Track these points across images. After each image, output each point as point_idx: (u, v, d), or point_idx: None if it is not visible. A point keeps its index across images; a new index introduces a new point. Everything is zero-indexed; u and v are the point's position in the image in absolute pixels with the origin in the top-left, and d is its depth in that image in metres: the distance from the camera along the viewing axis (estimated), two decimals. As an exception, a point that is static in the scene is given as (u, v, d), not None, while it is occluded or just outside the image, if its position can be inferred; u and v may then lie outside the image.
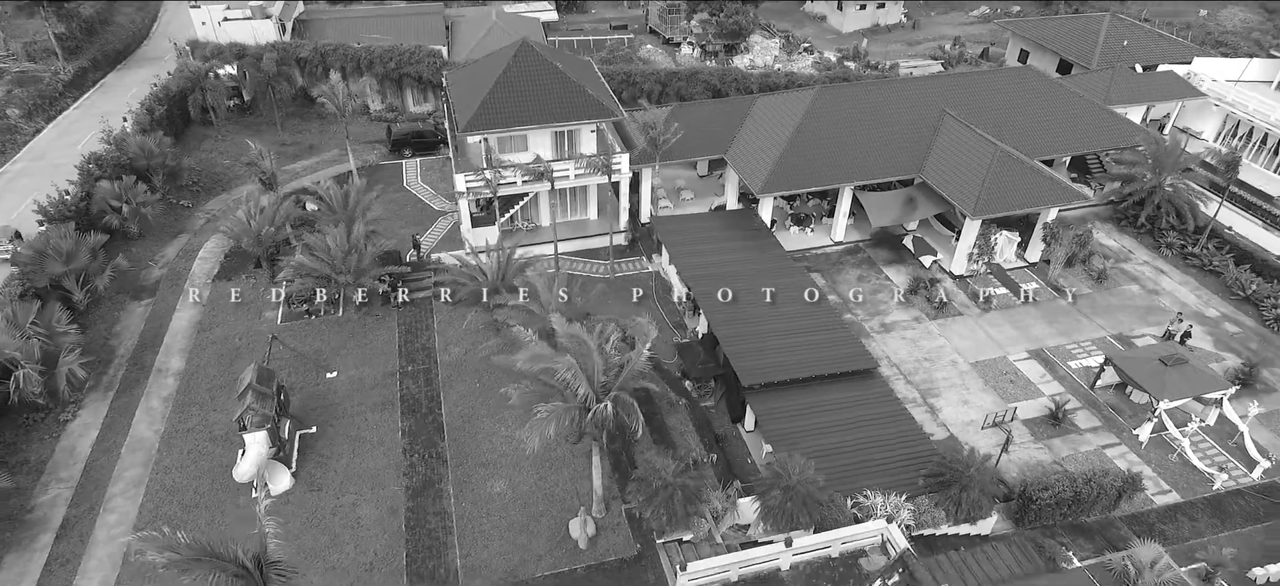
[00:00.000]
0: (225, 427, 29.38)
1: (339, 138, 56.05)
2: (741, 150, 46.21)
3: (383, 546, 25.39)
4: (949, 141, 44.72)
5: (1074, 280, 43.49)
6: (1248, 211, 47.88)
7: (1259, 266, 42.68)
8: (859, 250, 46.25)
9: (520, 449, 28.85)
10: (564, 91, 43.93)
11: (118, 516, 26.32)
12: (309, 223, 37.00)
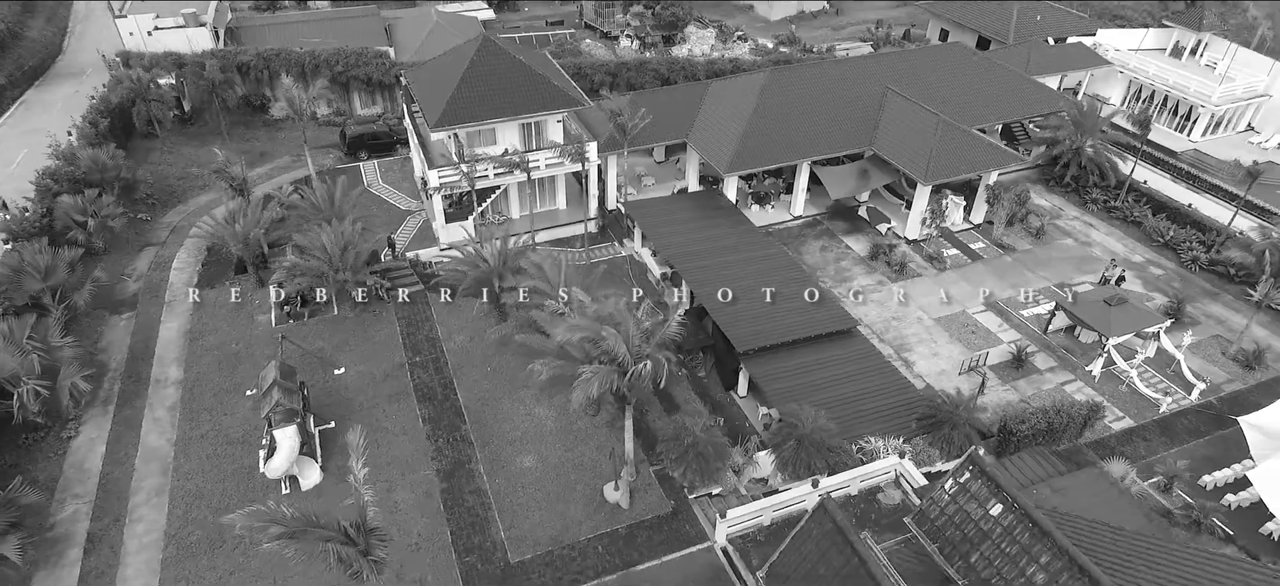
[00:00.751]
0: (241, 430, 29.18)
1: (289, 144, 55.16)
2: (702, 133, 47.89)
3: (424, 527, 25.93)
4: (894, 115, 47.56)
5: (1015, 237, 47.03)
6: (1156, 167, 52.65)
7: (1173, 215, 47.21)
8: (818, 223, 48.63)
9: (542, 425, 29.89)
10: (530, 84, 44.69)
11: (145, 525, 25.95)
12: (298, 210, 36.51)
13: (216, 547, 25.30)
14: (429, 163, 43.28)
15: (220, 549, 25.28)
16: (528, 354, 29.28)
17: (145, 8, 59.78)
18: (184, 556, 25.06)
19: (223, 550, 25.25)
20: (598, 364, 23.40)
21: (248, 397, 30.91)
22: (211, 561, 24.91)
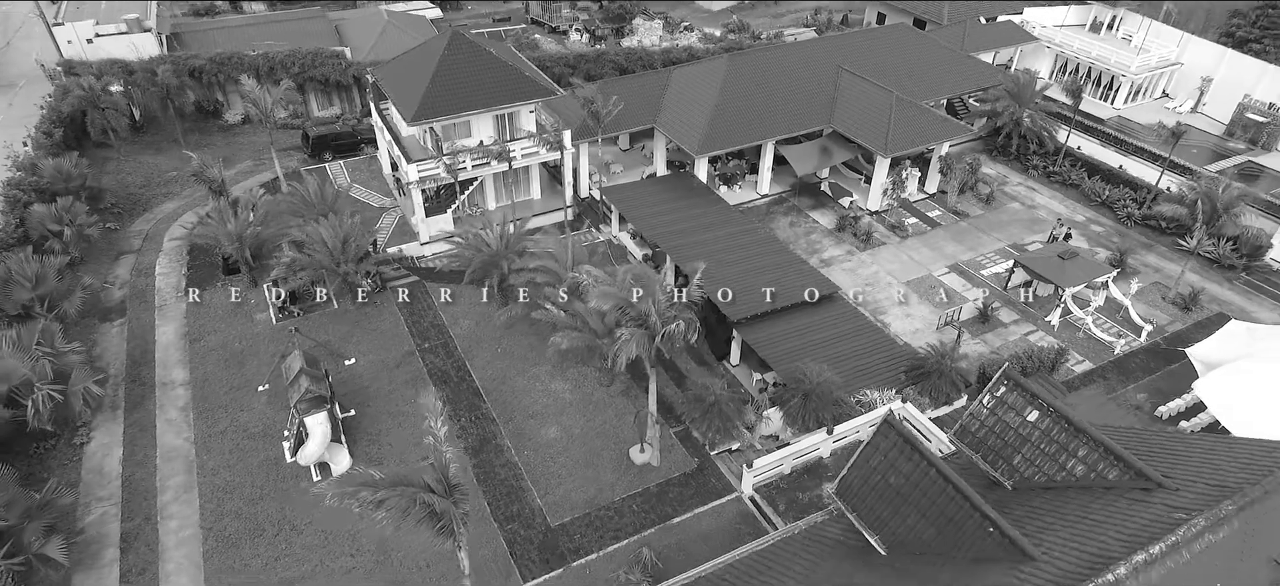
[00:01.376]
0: (260, 424, 29.26)
1: (249, 148, 54.34)
2: (670, 118, 49.36)
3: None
4: (850, 93, 50.02)
5: (967, 204, 50.12)
6: (1086, 134, 56.68)
7: (1106, 176, 51.08)
8: (784, 200, 50.71)
9: (561, 398, 30.95)
10: (503, 75, 45.39)
11: (179, 521, 25.92)
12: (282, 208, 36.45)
13: (257, 536, 25.50)
14: (407, 157, 43.47)
15: (260, 537, 25.49)
16: (537, 333, 30.34)
17: (81, 12, 57.78)
18: (225, 547, 25.17)
19: (263, 538, 25.47)
20: (631, 327, 24.63)
21: (261, 393, 30.92)
22: (254, 549, 25.11)
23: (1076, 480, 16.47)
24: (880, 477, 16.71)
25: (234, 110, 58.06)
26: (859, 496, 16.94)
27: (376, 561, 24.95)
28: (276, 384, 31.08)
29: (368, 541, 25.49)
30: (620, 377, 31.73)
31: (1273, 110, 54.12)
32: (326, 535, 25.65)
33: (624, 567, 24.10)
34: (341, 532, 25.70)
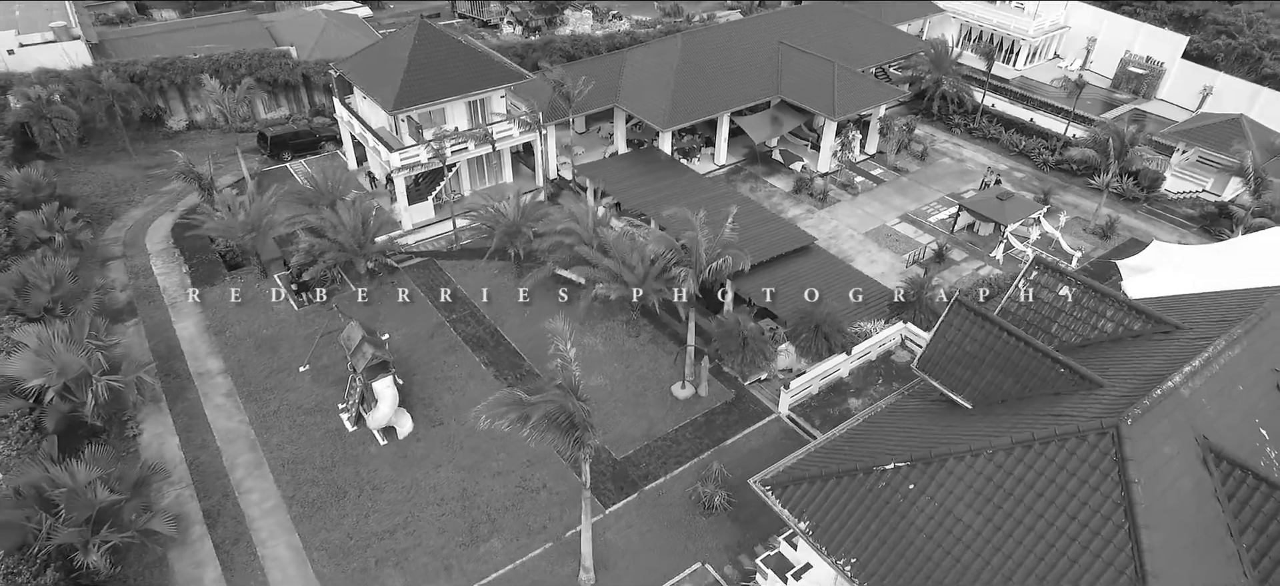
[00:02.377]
0: (313, 401, 30.07)
1: (203, 152, 53.10)
2: (631, 97, 51.82)
3: (530, 448, 28.46)
4: (794, 65, 53.90)
5: (905, 162, 54.97)
6: (997, 94, 62.83)
7: (1020, 129, 57.05)
8: (741, 169, 54.12)
9: (594, 350, 33.22)
10: (474, 61, 46.85)
11: (258, 494, 26.59)
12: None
13: (341, 498, 26.50)
14: (389, 147, 44.19)
15: (344, 499, 26.51)
16: (555, 297, 32.52)
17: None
18: (311, 512, 26.06)
19: (347, 499, 26.51)
20: (683, 266, 27.22)
21: (303, 373, 31.56)
22: (341, 510, 26.12)
23: (1107, 336, 20.22)
24: (956, 348, 19.94)
25: (176, 116, 56.59)
26: (940, 366, 20.13)
27: (462, 506, 26.47)
28: (317, 364, 31.79)
29: (448, 490, 26.95)
30: (645, 329, 34.15)
31: (1149, 63, 61.66)
32: (407, 489, 26.95)
33: (700, 480, 26.60)
34: (422, 485, 27.06)
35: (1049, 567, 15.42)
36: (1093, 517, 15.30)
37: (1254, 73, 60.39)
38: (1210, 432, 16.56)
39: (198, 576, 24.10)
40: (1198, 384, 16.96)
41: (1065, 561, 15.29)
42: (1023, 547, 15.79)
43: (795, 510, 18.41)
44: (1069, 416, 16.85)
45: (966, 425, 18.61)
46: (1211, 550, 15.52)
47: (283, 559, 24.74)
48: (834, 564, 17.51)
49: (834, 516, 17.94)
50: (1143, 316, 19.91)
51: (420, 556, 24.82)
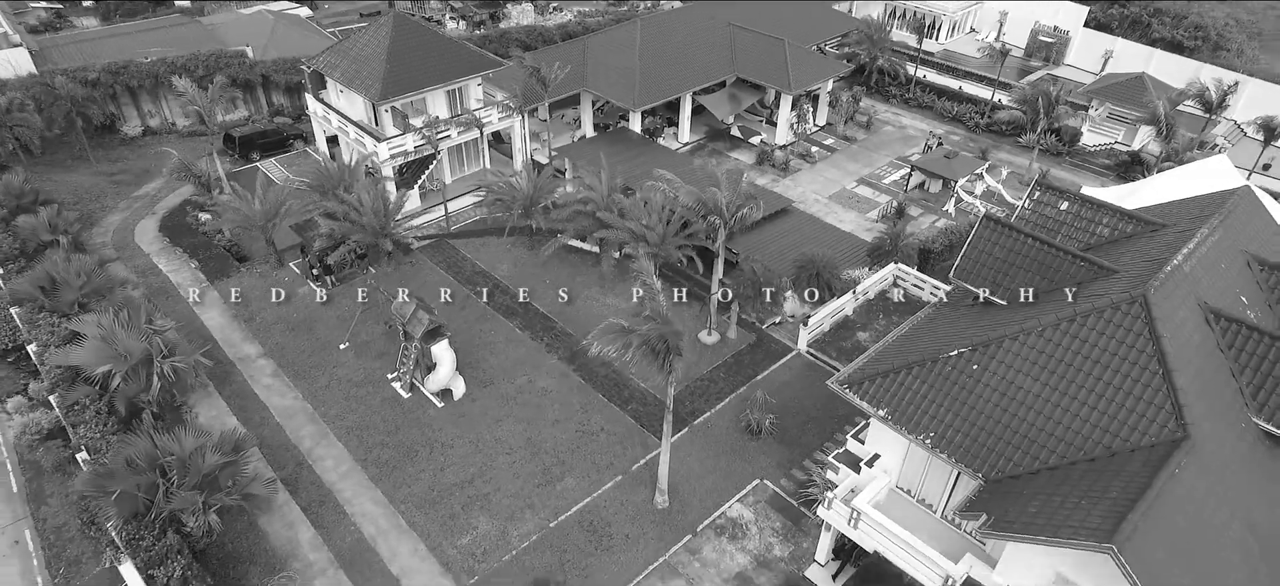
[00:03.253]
0: (361, 374, 31.18)
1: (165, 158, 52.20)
2: (599, 81, 53.97)
3: (577, 397, 30.52)
4: (747, 44, 57.25)
5: (852, 131, 59.20)
6: (926, 66, 68.07)
7: (951, 97, 62.23)
8: (704, 146, 57.15)
9: (618, 308, 35.39)
10: (452, 51, 48.21)
11: (332, 461, 27.66)
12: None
13: (412, 457, 27.85)
14: (376, 138, 45.00)
15: (416, 457, 27.88)
16: (569, 264, 34.70)
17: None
18: (387, 471, 27.32)
19: (418, 457, 27.89)
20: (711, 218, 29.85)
21: (343, 350, 32.50)
22: (416, 467, 27.50)
23: (1104, 239, 23.99)
24: (987, 256, 23.25)
25: (131, 123, 55.24)
26: (973, 273, 23.41)
27: (529, 453, 28.26)
28: (356, 340, 32.80)
29: (513, 441, 28.69)
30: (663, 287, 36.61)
31: (1057, 32, 68.12)
32: (474, 444, 28.53)
33: (749, 408, 29.25)
34: (486, 438, 28.69)
35: (1101, 415, 18.80)
36: (1132, 369, 18.76)
37: (1144, 37, 67.65)
38: (1206, 299, 20.37)
39: (292, 536, 25.11)
40: (1193, 263, 20.78)
41: (1114, 407, 18.70)
42: (1078, 402, 19.13)
43: (873, 401, 21.28)
44: (1097, 297, 20.34)
45: (1008, 316, 21.93)
46: (1220, 389, 19.26)
47: (372, 513, 25.97)
48: (914, 440, 20.49)
49: (908, 401, 20.90)
50: (1135, 220, 23.78)
51: (502, 499, 26.53)
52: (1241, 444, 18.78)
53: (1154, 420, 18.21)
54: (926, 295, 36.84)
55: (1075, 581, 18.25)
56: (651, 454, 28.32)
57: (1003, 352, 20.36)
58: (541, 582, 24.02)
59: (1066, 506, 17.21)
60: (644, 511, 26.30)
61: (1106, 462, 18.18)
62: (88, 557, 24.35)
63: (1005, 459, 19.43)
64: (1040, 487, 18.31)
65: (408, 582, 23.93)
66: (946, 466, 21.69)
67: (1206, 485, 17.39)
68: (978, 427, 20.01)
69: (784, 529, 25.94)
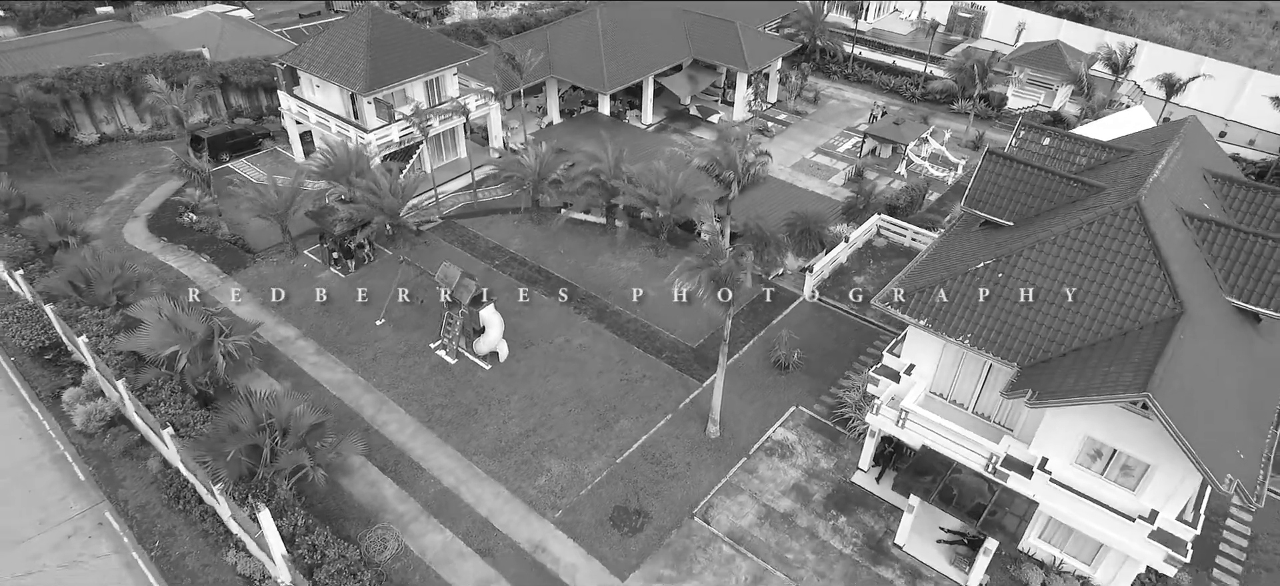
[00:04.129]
0: (403, 346, 32.56)
1: (132, 163, 51.31)
2: (566, 68, 55.92)
3: (614, 350, 32.78)
4: (700, 27, 60.35)
5: (803, 106, 63.17)
6: (859, 43, 72.78)
7: (887, 71, 67.05)
8: (666, 127, 59.94)
9: (632, 271, 37.75)
10: (429, 41, 49.43)
11: (396, 423, 29.00)
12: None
13: (472, 416, 29.49)
14: (363, 129, 45.76)
15: (475, 415, 29.53)
16: (580, 234, 37.01)
17: None
18: (453, 429, 28.91)
19: (478, 415, 29.56)
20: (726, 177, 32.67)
21: (380, 326, 33.65)
22: (479, 423, 29.21)
23: (1084, 167, 27.96)
24: (993, 185, 26.80)
25: (86, 130, 53.76)
26: (982, 200, 26.93)
27: (583, 402, 30.33)
28: (392, 316, 34.01)
29: (565, 393, 30.70)
30: (669, 250, 39.18)
31: (974, 7, 74.08)
32: (529, 398, 30.38)
33: (774, 345, 32.14)
34: (539, 393, 30.59)
35: (1112, 302, 22.49)
36: (1133, 263, 22.53)
37: (1051, 10, 74.36)
38: (1180, 204, 24.45)
39: (377, 493, 26.43)
40: (1167, 176, 24.85)
41: (1122, 295, 22.42)
42: (1092, 294, 22.79)
43: (914, 313, 24.46)
44: (1095, 208, 24.11)
45: (1016, 233, 25.52)
46: (1200, 275, 23.29)
47: (448, 466, 27.51)
48: (954, 341, 23.78)
49: (945, 310, 24.17)
50: (1108, 149, 27.86)
51: (567, 443, 28.54)
52: (1220, 317, 22.84)
53: (1155, 301, 22.00)
54: (908, 241, 40.73)
55: (1102, 440, 21.88)
56: (692, 394, 30.86)
57: (1024, 260, 23.87)
58: (622, 508, 26.20)
59: (1099, 374, 20.73)
60: (699, 441, 28.83)
61: (1121, 340, 21.86)
62: (181, 528, 25.06)
63: (1035, 348, 22.92)
64: (1069, 367, 21.83)
65: (497, 521, 25.68)
66: (976, 368, 25.14)
67: (1201, 348, 21.26)
68: (1008, 325, 23.44)
69: (825, 445, 28.97)
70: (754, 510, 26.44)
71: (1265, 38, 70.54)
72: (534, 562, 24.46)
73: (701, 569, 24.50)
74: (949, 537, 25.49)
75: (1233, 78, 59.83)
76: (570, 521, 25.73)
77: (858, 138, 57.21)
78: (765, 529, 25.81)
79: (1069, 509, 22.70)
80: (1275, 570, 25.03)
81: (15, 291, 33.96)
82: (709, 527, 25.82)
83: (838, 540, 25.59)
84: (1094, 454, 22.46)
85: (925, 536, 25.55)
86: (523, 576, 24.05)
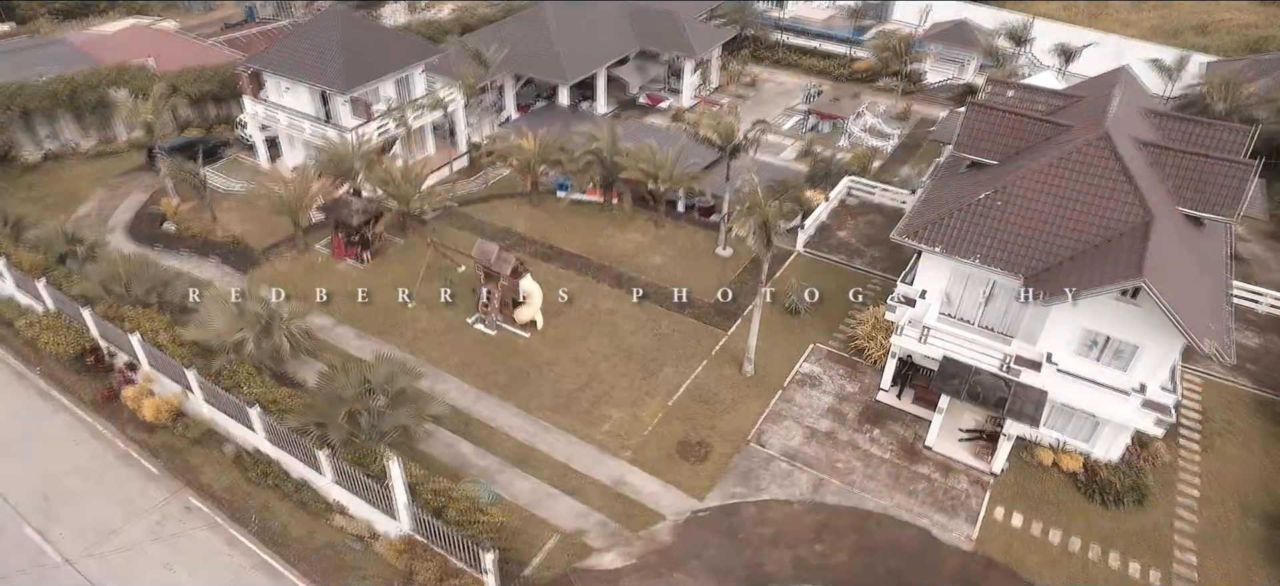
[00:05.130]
0: (442, 323, 34.19)
1: (86, 179, 49.79)
2: (523, 64, 57.69)
3: (641, 311, 35.43)
4: (644, 19, 63.39)
5: (743, 90, 67.29)
6: (785, 31, 77.56)
7: (813, 55, 72.11)
8: (619, 114, 62.73)
9: (638, 242, 40.45)
10: (397, 41, 50.67)
11: (456, 391, 30.67)
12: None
13: (525, 379, 31.47)
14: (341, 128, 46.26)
15: (527, 378, 31.54)
16: (580, 213, 39.70)
17: None
18: (511, 391, 30.80)
19: (530, 378, 31.58)
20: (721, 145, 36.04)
21: (411, 307, 34.97)
22: (534, 385, 31.17)
23: (1045, 113, 32.67)
24: (978, 130, 31.04)
25: (27, 149, 51.61)
26: (969, 144, 31.12)
27: (624, 357, 32.77)
28: (421, 296, 35.39)
29: (606, 350, 33.12)
30: (666, 220, 42.06)
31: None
32: (574, 359, 32.61)
33: (790, 292, 35.54)
34: (582, 353, 32.88)
35: (1093, 218, 26.93)
36: (1107, 184, 27.06)
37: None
38: (1132, 133, 29.34)
39: (455, 451, 28.06)
40: (1118, 112, 29.71)
41: (1101, 209, 26.89)
42: (1077, 211, 27.19)
43: (928, 241, 28.31)
44: (1069, 141, 28.62)
45: (1001, 170, 29.82)
46: (1155, 189, 28.11)
47: (516, 424, 29.40)
48: (966, 262, 27.76)
49: (954, 236, 28.11)
50: (1063, 95, 32.69)
51: (620, 392, 30.95)
52: (1176, 222, 27.74)
53: (1129, 212, 26.57)
54: (877, 197, 45.14)
55: (1097, 330, 26.28)
56: (720, 342, 33.89)
57: (1014, 190, 28.10)
58: (685, 442, 28.90)
59: (1096, 271, 25.05)
60: (737, 381, 31.84)
61: (1106, 245, 26.33)
62: (274, 502, 25.99)
63: (1035, 259, 27.14)
64: (1068, 272, 26.11)
65: (576, 464, 27.86)
66: (979, 288, 29.25)
67: (1168, 245, 25.96)
68: (1009, 244, 27.59)
69: (846, 372, 32.59)
70: (800, 432, 29.68)
71: (1129, 11, 79.97)
72: (618, 495, 26.81)
73: (767, 483, 27.51)
74: (968, 435, 29.50)
75: (1113, 44, 67.94)
76: (642, 458, 28.21)
77: (800, 116, 61.64)
78: (814, 445, 29.10)
79: (1074, 393, 27.05)
80: (1224, 434, 30.28)
81: (25, 304, 33.32)
82: (765, 450, 28.87)
83: (877, 448, 29.17)
84: (1090, 343, 26.88)
85: (948, 438, 29.46)
86: (612, 506, 26.38)
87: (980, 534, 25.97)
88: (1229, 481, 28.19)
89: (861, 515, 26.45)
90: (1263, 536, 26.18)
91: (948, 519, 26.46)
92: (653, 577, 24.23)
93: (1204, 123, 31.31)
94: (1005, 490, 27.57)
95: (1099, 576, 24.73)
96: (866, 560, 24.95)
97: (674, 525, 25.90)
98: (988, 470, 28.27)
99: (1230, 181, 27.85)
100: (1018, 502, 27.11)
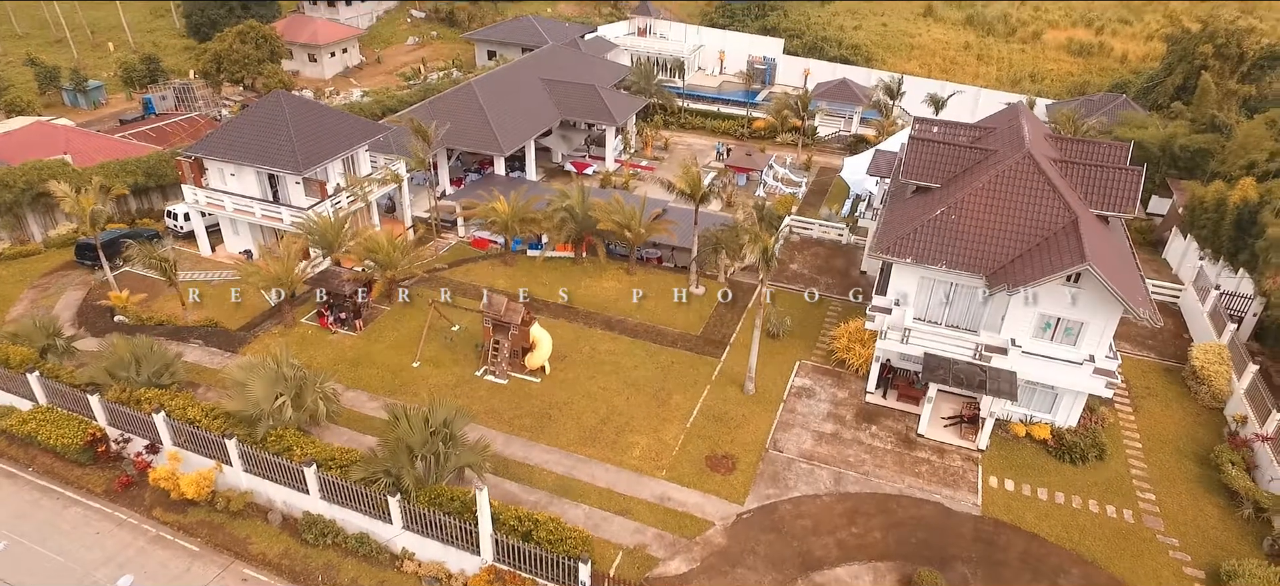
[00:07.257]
0: (451, 378, 35.23)
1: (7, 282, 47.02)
2: (458, 138, 59.80)
3: (637, 349, 37.73)
4: (563, 92, 67.25)
5: (657, 152, 71.95)
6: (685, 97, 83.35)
7: (715, 117, 78.10)
8: (549, 180, 65.62)
9: (618, 288, 42.87)
10: (343, 121, 51.74)
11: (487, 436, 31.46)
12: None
13: (549, 419, 32.93)
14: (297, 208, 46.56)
15: (551, 416, 33.03)
16: (556, 269, 42.27)
17: None
18: (538, 431, 32.26)
19: (553, 416, 33.06)
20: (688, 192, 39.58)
21: (416, 367, 35.71)
22: (561, 423, 32.78)
23: (967, 143, 38.40)
24: (921, 160, 36.12)
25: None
26: (915, 171, 36.11)
27: (634, 389, 34.96)
28: (424, 356, 36.18)
29: (616, 386, 35.23)
30: (638, 268, 44.90)
31: (766, 60, 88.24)
32: (588, 396, 34.46)
33: (770, 317, 38.97)
34: (594, 391, 34.79)
35: (1030, 220, 32.20)
36: (1037, 194, 32.53)
37: (823, 56, 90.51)
38: (1045, 153, 35.26)
39: (503, 489, 29.06)
40: (1029, 137, 35.63)
41: (1035, 215, 32.22)
42: (1018, 218, 32.39)
43: (899, 254, 32.71)
44: (1000, 163, 34.06)
45: (944, 192, 34.89)
46: (1072, 195, 33.88)
47: (550, 459, 30.86)
48: (934, 270, 32.27)
49: (921, 247, 32.66)
50: (978, 129, 38.60)
51: (640, 421, 33.08)
52: (1092, 221, 33.53)
53: (1058, 215, 32.02)
54: (815, 231, 49.98)
55: (1050, 313, 31.29)
56: (717, 368, 36.83)
57: (964, 206, 33.11)
58: (711, 456, 31.35)
59: (1045, 262, 30.07)
60: (741, 399, 34.76)
61: (1047, 241, 31.57)
62: (337, 560, 26.11)
63: (990, 261, 32.02)
64: (1021, 267, 31.08)
65: (619, 488, 29.65)
66: (943, 292, 33.84)
67: (1093, 237, 31.51)
68: (966, 249, 32.40)
69: (834, 381, 36.26)
70: (809, 436, 32.87)
71: (975, 68, 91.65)
72: (666, 510, 28.84)
73: (794, 482, 30.38)
74: (950, 421, 33.69)
75: (971, 93, 77.97)
76: (677, 475, 30.42)
77: (714, 174, 66.68)
78: (824, 445, 32.33)
79: (1037, 369, 31.84)
80: (1146, 397, 36.08)
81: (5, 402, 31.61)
82: (784, 455, 31.79)
83: (878, 441, 32.77)
84: (1045, 326, 31.86)
85: (936, 425, 33.52)
86: (664, 520, 28.35)
87: (983, 500, 29.88)
88: (1162, 433, 33.75)
89: (883, 498, 29.78)
90: (1199, 473, 31.63)
91: (954, 491, 30.24)
92: (718, 576, 26.34)
93: (1094, 142, 38.03)
94: (993, 462, 31.77)
95: (1086, 522, 29.11)
96: (898, 535, 28.17)
97: (723, 528, 28.18)
98: (975, 446, 32.43)
99: (1127, 185, 34.10)
100: (1006, 471, 31.32)
